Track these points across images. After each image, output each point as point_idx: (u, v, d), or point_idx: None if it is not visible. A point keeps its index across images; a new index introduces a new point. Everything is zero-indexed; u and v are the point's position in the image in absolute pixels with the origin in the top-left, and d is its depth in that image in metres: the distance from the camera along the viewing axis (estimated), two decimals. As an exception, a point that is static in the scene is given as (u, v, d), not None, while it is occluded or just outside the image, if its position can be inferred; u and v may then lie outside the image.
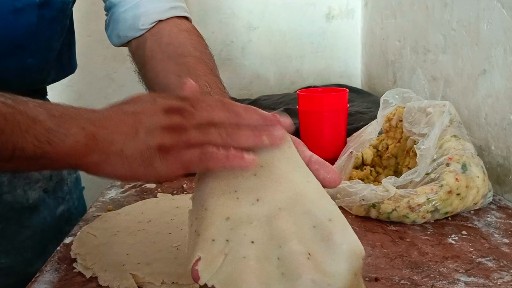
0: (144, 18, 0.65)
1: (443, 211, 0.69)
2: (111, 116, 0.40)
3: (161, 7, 0.66)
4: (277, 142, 0.41)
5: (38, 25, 0.62)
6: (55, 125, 0.39)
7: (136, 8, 0.66)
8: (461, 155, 0.71)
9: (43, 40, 0.65)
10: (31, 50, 0.64)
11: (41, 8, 0.62)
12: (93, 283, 0.56)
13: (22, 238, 0.72)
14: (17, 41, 0.62)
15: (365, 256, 0.39)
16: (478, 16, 0.85)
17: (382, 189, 0.69)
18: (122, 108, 0.41)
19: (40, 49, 0.65)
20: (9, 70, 0.64)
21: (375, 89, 1.38)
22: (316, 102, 0.92)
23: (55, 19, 0.65)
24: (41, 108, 0.40)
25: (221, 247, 0.37)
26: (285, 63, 1.50)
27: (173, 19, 0.67)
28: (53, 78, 0.74)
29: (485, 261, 0.59)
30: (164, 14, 0.66)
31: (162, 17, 0.66)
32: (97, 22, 1.31)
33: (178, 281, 0.53)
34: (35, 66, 0.66)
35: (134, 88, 1.49)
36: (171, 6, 0.67)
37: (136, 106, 0.41)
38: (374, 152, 0.85)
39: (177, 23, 0.66)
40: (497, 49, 0.80)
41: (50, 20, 0.64)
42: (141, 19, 0.66)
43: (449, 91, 0.96)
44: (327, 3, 1.48)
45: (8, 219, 0.70)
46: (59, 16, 0.66)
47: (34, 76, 0.69)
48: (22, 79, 0.67)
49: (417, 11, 1.09)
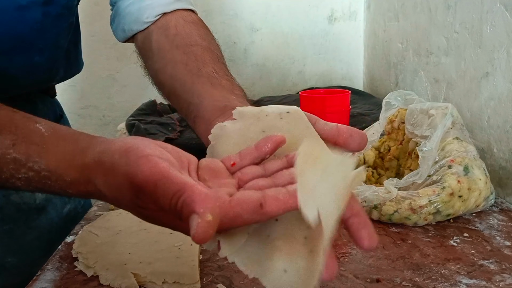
0: (149, 11, 0.65)
1: (445, 213, 0.69)
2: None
3: (166, 0, 0.66)
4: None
5: (43, 22, 0.62)
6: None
7: (141, 1, 0.66)
8: (463, 157, 0.70)
9: (50, 37, 0.65)
10: (38, 47, 0.64)
11: (45, 5, 0.62)
12: (95, 282, 0.56)
13: (29, 238, 0.72)
14: (23, 38, 0.62)
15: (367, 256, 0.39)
16: (481, 18, 0.85)
17: (384, 191, 0.69)
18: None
19: (47, 46, 0.65)
20: (17, 67, 0.64)
21: (377, 91, 1.38)
22: (318, 103, 0.92)
23: (61, 16, 0.65)
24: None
25: (243, 226, 0.36)
26: (287, 65, 1.50)
27: (179, 11, 0.66)
28: (62, 76, 0.74)
29: (487, 264, 0.58)
30: (168, 7, 0.66)
31: (166, 10, 0.66)
32: (100, 22, 1.31)
33: (179, 281, 0.53)
34: (43, 63, 0.66)
35: (137, 88, 1.49)
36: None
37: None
38: (376, 154, 0.85)
39: (183, 15, 0.66)
40: (500, 52, 0.80)
41: (56, 16, 0.64)
42: (146, 12, 0.65)
43: (451, 93, 0.96)
44: (330, 5, 1.48)
45: (15, 220, 0.70)
46: (64, 12, 0.66)
47: (43, 74, 0.69)
48: (30, 77, 0.67)
49: (420, 14, 1.09)
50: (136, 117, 1.09)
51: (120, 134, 1.01)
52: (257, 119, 0.43)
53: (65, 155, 0.40)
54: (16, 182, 0.40)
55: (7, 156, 0.40)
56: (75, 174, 0.39)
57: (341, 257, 0.61)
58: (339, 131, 0.43)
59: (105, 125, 1.43)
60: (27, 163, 0.40)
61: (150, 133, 0.99)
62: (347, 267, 0.58)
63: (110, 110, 1.42)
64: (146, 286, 0.54)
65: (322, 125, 0.44)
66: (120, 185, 0.36)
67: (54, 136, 0.41)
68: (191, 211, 0.31)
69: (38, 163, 0.39)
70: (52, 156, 0.40)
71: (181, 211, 0.32)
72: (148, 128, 1.01)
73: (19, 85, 0.67)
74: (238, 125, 0.44)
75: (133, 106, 1.24)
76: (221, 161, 0.41)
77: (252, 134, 0.43)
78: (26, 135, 0.40)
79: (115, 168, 0.36)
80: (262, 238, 0.36)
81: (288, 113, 0.43)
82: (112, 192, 0.37)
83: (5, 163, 0.40)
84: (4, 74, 0.63)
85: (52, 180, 0.40)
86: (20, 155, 0.40)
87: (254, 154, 0.41)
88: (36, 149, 0.40)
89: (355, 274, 0.57)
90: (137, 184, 0.34)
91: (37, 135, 0.41)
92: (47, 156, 0.39)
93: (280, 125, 0.43)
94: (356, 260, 0.60)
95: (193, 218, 0.31)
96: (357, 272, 0.57)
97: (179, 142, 0.96)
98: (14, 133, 0.40)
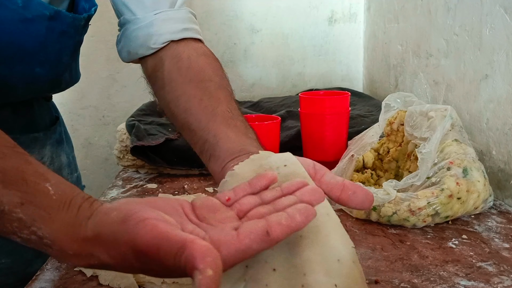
0: (156, 37, 0.66)
1: (444, 215, 0.69)
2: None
3: (174, 28, 0.66)
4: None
5: (46, 36, 0.63)
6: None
7: (149, 26, 0.66)
8: (462, 159, 0.71)
9: (52, 51, 0.66)
10: (40, 59, 0.65)
11: (51, 21, 0.63)
12: (94, 282, 0.56)
13: None
14: (25, 49, 0.62)
15: (366, 257, 0.39)
16: (480, 21, 0.85)
17: (383, 192, 0.69)
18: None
19: (48, 60, 0.66)
20: (18, 77, 0.64)
21: (377, 93, 1.39)
22: (318, 104, 0.93)
23: (65, 33, 0.66)
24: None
25: (240, 273, 0.37)
26: (287, 66, 1.50)
27: (190, 42, 0.67)
28: (62, 88, 0.76)
29: (485, 266, 0.59)
30: (176, 35, 0.66)
31: (174, 38, 0.66)
32: (100, 22, 1.32)
33: (178, 281, 0.53)
34: (43, 75, 0.67)
35: (137, 89, 1.50)
36: (184, 27, 0.67)
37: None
38: (375, 156, 0.85)
39: (195, 47, 0.66)
40: (499, 54, 0.80)
41: (60, 33, 0.65)
42: (153, 38, 0.66)
43: (451, 95, 0.96)
44: (330, 7, 1.48)
45: None
46: (70, 31, 0.66)
47: (42, 86, 0.70)
48: (29, 87, 0.68)
49: (419, 16, 1.09)
50: (136, 117, 1.09)
51: (120, 135, 1.01)
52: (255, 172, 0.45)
53: (68, 227, 0.39)
54: (17, 239, 0.40)
55: (13, 214, 0.39)
56: (77, 247, 0.39)
57: (340, 258, 0.61)
58: (344, 187, 0.44)
59: (105, 125, 1.43)
60: (31, 227, 0.39)
61: (150, 133, 0.99)
62: (346, 268, 0.58)
63: (110, 111, 1.42)
64: (145, 286, 0.54)
65: (329, 178, 0.45)
66: (124, 254, 0.37)
67: (60, 200, 0.40)
68: (193, 267, 0.32)
69: (42, 230, 0.39)
70: (56, 225, 0.39)
71: (185, 268, 0.33)
72: (148, 129, 1.01)
73: (18, 94, 0.68)
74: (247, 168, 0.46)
75: (133, 106, 1.25)
76: (216, 197, 0.42)
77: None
78: (35, 195, 0.40)
79: (116, 238, 0.37)
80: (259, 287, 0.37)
81: (286, 166, 0.44)
82: (118, 262, 0.38)
83: (10, 220, 0.39)
84: (4, 83, 0.63)
85: (54, 249, 0.40)
86: (26, 217, 0.39)
87: (247, 190, 0.42)
88: (42, 215, 0.40)
89: (353, 276, 0.57)
90: (140, 250, 0.35)
91: (46, 197, 0.40)
92: (51, 225, 0.39)
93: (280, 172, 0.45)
94: (355, 262, 0.60)
95: (195, 275, 0.32)
96: (355, 273, 0.57)
97: (179, 143, 0.96)
98: (23, 191, 0.40)
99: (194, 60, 0.65)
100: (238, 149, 0.52)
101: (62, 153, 0.81)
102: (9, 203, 0.39)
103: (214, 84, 0.62)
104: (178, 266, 0.33)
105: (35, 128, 0.75)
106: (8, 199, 0.39)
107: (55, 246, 0.39)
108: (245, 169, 0.46)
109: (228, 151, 0.53)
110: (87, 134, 1.43)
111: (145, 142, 0.94)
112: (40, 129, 0.76)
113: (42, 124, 0.77)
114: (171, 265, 0.34)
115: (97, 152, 1.45)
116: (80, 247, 0.39)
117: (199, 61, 0.65)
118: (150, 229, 0.35)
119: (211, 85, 0.61)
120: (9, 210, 0.39)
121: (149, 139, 0.96)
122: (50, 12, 0.62)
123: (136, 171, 0.98)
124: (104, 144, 1.44)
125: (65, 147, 0.83)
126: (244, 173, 0.45)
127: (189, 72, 0.63)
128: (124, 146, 0.98)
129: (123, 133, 1.00)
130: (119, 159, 0.99)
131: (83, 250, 0.39)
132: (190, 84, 0.62)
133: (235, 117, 0.58)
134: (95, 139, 1.44)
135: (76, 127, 1.40)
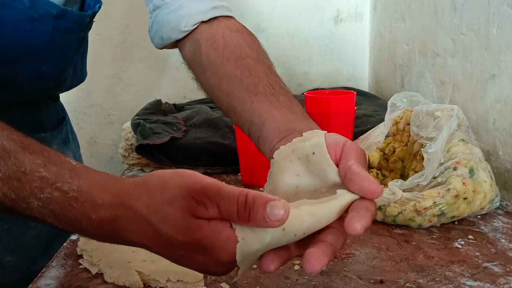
0: (186, 19, 0.65)
1: (450, 215, 0.68)
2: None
3: (203, 7, 0.66)
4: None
5: (53, 34, 0.63)
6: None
7: (179, 9, 0.66)
8: (469, 159, 0.70)
9: (58, 49, 0.66)
10: (46, 58, 0.65)
11: (57, 19, 0.63)
12: (99, 280, 0.56)
13: (28, 237, 0.72)
14: (31, 48, 0.63)
15: (371, 257, 0.40)
16: (488, 20, 0.85)
17: (389, 192, 0.69)
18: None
19: (54, 57, 0.66)
20: (24, 75, 0.65)
21: (383, 92, 1.38)
22: (323, 104, 0.92)
23: (71, 30, 0.66)
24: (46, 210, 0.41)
25: (260, 236, 0.39)
26: (292, 65, 1.50)
27: (222, 21, 0.66)
28: (67, 86, 0.75)
29: (491, 266, 0.58)
30: (206, 15, 0.66)
31: (204, 18, 0.65)
32: (107, 21, 1.32)
33: (183, 279, 0.53)
34: (49, 73, 0.67)
35: (142, 88, 1.50)
36: (213, 5, 0.66)
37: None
38: (381, 155, 0.85)
39: (227, 25, 0.66)
40: (506, 54, 0.80)
41: (66, 30, 0.65)
42: (184, 21, 0.65)
43: (457, 95, 0.96)
44: (336, 6, 1.48)
45: (15, 220, 0.70)
46: (75, 28, 0.67)
47: (48, 84, 0.70)
48: (36, 85, 0.68)
49: (426, 15, 1.09)
50: (141, 116, 1.09)
51: (125, 133, 1.01)
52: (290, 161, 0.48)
53: (99, 181, 0.41)
54: (32, 202, 0.40)
55: (36, 174, 0.40)
56: (108, 197, 0.39)
57: (344, 257, 0.61)
58: (363, 190, 0.43)
59: (110, 124, 1.43)
60: (55, 183, 0.40)
61: (155, 132, 1.00)
62: (351, 268, 0.58)
63: (115, 109, 1.43)
64: (150, 284, 0.54)
65: (357, 169, 0.44)
66: (173, 198, 0.38)
67: (85, 168, 0.42)
68: (267, 200, 0.35)
69: (69, 183, 0.40)
70: (85, 180, 0.40)
71: (253, 205, 0.36)
72: (153, 128, 1.01)
73: (24, 93, 0.68)
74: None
75: (139, 105, 1.25)
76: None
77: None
78: (58, 161, 0.41)
79: (168, 183, 0.38)
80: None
81: (314, 154, 0.47)
82: (150, 212, 0.38)
83: (31, 180, 0.40)
84: (10, 81, 0.64)
85: (79, 202, 0.40)
86: (50, 174, 0.40)
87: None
88: (68, 173, 0.40)
89: (358, 275, 0.57)
90: (201, 188, 0.37)
91: (69, 164, 0.42)
92: (79, 179, 0.40)
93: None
94: (360, 261, 0.60)
95: (272, 205, 0.35)
96: (360, 273, 0.57)
97: (184, 142, 0.97)
98: (46, 157, 0.41)
99: (228, 38, 0.64)
100: (285, 128, 0.52)
101: (68, 152, 0.81)
102: (31, 164, 0.40)
103: (252, 60, 0.61)
104: (241, 203, 0.36)
105: (42, 128, 0.75)
106: (31, 161, 0.40)
107: (82, 197, 0.40)
108: (281, 155, 0.48)
109: (275, 131, 0.53)
110: (92, 132, 1.43)
111: (150, 140, 0.94)
112: (47, 129, 0.76)
113: (49, 125, 0.77)
114: (233, 205, 0.36)
115: (103, 150, 1.45)
116: (112, 197, 0.39)
117: (234, 39, 0.64)
118: (209, 178, 0.38)
119: (249, 62, 0.61)
120: (31, 170, 0.40)
121: (154, 138, 0.96)
122: (56, 10, 0.62)
123: (141, 169, 0.98)
124: (110, 142, 1.44)
125: (71, 146, 0.83)
126: (280, 162, 0.48)
127: (226, 51, 0.62)
128: (129, 144, 0.99)
129: (129, 132, 1.01)
130: (124, 157, 0.99)
131: (114, 199, 0.39)
132: (228, 64, 0.61)
133: (277, 92, 0.57)
134: (100, 138, 1.44)
135: (82, 126, 1.41)
